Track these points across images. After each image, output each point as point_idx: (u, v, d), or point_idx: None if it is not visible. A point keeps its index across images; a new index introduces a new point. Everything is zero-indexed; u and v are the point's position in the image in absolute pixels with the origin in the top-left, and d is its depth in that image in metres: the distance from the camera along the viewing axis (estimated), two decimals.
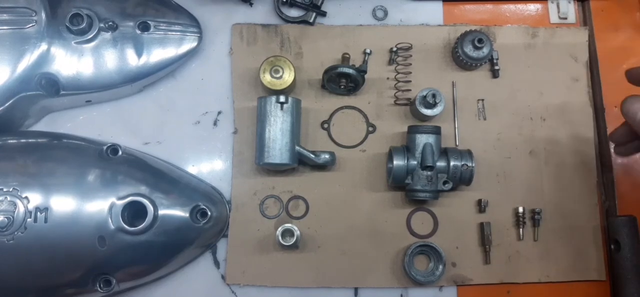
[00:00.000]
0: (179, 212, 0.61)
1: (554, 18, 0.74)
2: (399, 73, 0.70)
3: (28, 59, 0.60)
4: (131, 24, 0.65)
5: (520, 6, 0.74)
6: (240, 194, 0.66)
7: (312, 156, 0.64)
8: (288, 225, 0.62)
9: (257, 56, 0.69)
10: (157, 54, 0.66)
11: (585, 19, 0.74)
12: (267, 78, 0.65)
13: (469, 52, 0.67)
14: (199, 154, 0.68)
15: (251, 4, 0.73)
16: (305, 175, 0.67)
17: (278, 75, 0.65)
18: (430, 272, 0.64)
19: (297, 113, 0.65)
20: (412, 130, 0.64)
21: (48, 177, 0.58)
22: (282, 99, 0.63)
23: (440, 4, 0.74)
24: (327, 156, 0.65)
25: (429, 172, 0.62)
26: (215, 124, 0.69)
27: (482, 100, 0.70)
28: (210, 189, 0.66)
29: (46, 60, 0.61)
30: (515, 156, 0.68)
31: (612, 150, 0.66)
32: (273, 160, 0.62)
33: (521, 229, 0.66)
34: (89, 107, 0.68)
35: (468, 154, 0.63)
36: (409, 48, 0.70)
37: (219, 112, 0.69)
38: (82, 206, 0.57)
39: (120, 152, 0.63)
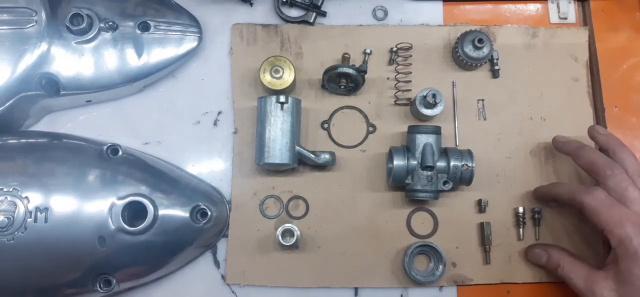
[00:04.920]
0: (179, 212, 0.61)
1: (554, 18, 0.74)
2: (399, 73, 0.70)
3: (28, 59, 0.60)
4: (131, 24, 0.65)
5: (520, 6, 0.74)
6: (240, 194, 0.66)
7: (312, 156, 0.64)
8: (288, 225, 0.62)
9: (257, 56, 0.69)
10: (157, 54, 0.66)
11: (585, 19, 0.74)
12: (267, 78, 0.65)
13: (469, 52, 0.67)
14: (199, 154, 0.68)
15: (251, 4, 0.73)
16: (305, 175, 0.67)
17: (278, 75, 0.65)
18: (430, 272, 0.64)
19: (297, 113, 0.65)
20: (412, 131, 0.64)
21: (48, 177, 0.58)
22: (282, 99, 0.63)
23: (440, 4, 0.74)
24: (327, 156, 0.65)
25: (429, 172, 0.62)
26: (215, 124, 0.69)
27: (482, 100, 0.70)
28: (210, 189, 0.66)
29: (46, 60, 0.61)
30: (515, 156, 0.68)
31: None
32: (273, 160, 0.62)
33: (521, 229, 0.66)
34: (89, 107, 0.68)
35: (468, 154, 0.63)
36: (409, 48, 0.70)
37: (219, 112, 0.69)
38: (82, 206, 0.57)
39: (120, 152, 0.63)
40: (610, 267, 0.55)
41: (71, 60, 0.62)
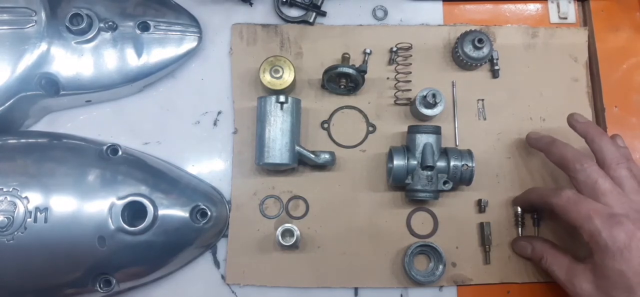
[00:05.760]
0: (179, 212, 0.61)
1: (554, 18, 0.74)
2: (399, 73, 0.70)
3: (28, 59, 0.60)
4: (131, 24, 0.65)
5: (520, 6, 0.74)
6: (240, 194, 0.66)
7: (312, 156, 0.64)
8: (288, 225, 0.62)
9: (257, 56, 0.69)
10: (157, 54, 0.66)
11: (585, 19, 0.74)
12: (267, 78, 0.65)
13: (469, 52, 0.67)
14: (199, 154, 0.68)
15: (251, 4, 0.73)
16: (305, 175, 0.67)
17: (278, 75, 0.65)
18: (430, 272, 0.64)
19: (297, 113, 0.65)
20: (412, 130, 0.64)
21: (48, 177, 0.58)
22: (282, 98, 0.63)
23: (440, 4, 0.74)
24: (327, 156, 0.65)
25: (429, 172, 0.62)
26: (215, 124, 0.69)
27: (482, 100, 0.70)
28: (210, 189, 0.66)
29: (46, 60, 0.61)
30: (515, 156, 0.68)
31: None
32: (273, 160, 0.62)
33: (521, 229, 0.66)
34: (89, 107, 0.68)
35: (468, 154, 0.63)
36: (409, 48, 0.70)
37: (219, 112, 0.69)
38: (82, 206, 0.57)
39: (120, 152, 0.62)
40: (588, 260, 0.55)
41: (71, 60, 0.62)
